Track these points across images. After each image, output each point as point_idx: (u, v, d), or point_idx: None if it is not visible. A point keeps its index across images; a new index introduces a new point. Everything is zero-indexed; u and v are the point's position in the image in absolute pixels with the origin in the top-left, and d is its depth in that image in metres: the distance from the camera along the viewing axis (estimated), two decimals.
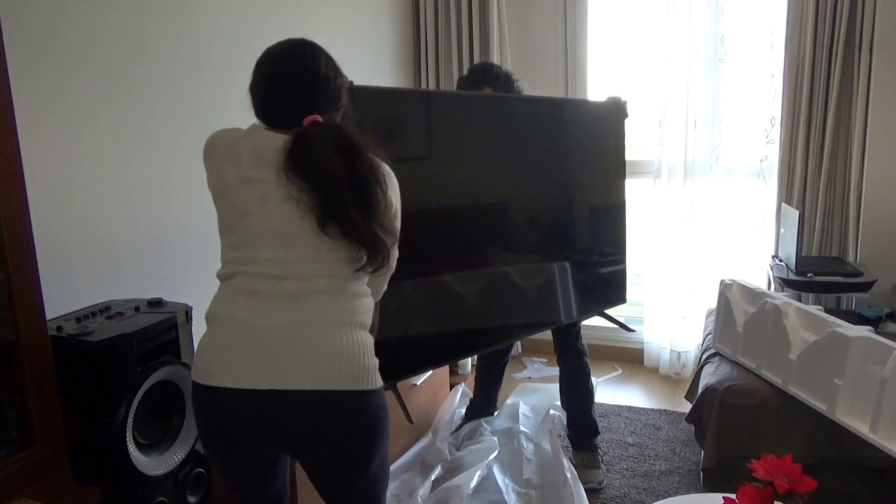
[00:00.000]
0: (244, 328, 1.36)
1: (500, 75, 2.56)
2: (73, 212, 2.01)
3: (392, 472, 2.64)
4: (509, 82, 2.58)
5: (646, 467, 2.77)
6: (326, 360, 1.35)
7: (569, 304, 2.62)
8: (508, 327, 2.44)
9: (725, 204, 3.54)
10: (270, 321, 1.36)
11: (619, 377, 3.74)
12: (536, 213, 2.50)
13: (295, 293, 1.37)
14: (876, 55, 3.06)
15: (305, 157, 1.35)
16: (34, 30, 1.88)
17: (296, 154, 1.35)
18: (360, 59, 3.37)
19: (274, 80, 1.45)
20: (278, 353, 1.34)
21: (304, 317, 1.36)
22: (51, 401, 1.65)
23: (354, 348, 1.38)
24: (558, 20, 3.75)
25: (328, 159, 1.34)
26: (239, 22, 2.59)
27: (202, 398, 1.40)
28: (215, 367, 1.37)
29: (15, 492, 1.56)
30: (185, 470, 1.94)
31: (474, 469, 2.53)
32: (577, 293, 2.66)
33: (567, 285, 2.61)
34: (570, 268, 2.62)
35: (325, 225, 1.36)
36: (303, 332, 1.36)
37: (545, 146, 2.47)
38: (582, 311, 2.71)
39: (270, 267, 1.38)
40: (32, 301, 1.60)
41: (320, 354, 1.35)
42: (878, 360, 2.13)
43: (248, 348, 1.35)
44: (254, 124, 1.47)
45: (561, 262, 2.58)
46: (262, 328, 1.35)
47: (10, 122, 1.54)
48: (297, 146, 1.36)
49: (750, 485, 1.41)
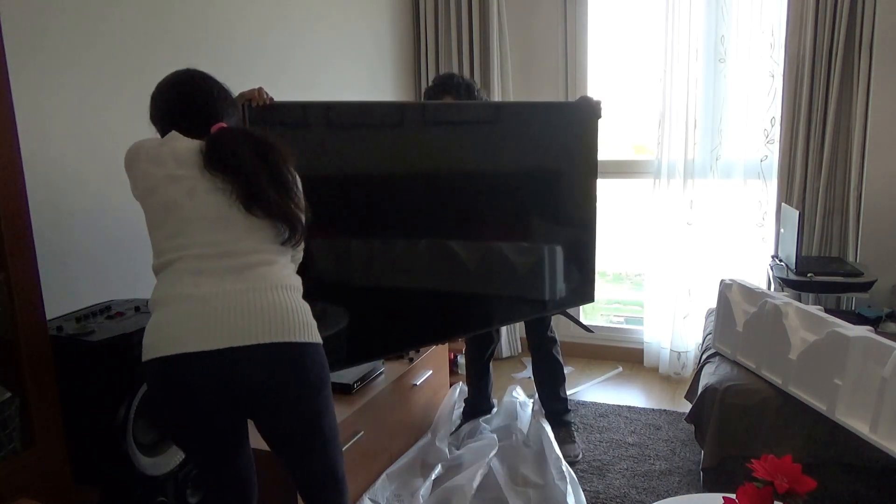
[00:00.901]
0: (195, 301, 1.49)
1: (461, 84, 2.71)
2: (73, 212, 2.01)
3: (392, 473, 2.64)
4: (470, 91, 2.73)
5: (646, 467, 2.77)
6: (274, 317, 1.51)
7: (533, 302, 2.75)
8: (472, 318, 2.61)
9: (725, 204, 3.54)
10: (218, 291, 1.50)
11: (619, 377, 3.74)
12: (500, 215, 2.61)
13: (237, 267, 1.54)
14: (876, 55, 3.06)
15: (225, 154, 1.57)
16: (34, 28, 1.88)
17: (214, 152, 1.57)
18: (361, 60, 3.38)
19: (180, 102, 1.67)
20: (229, 315, 1.48)
21: (248, 284, 1.53)
22: (51, 401, 1.65)
23: (296, 307, 1.57)
24: (558, 20, 3.75)
25: (244, 153, 1.58)
26: (241, 22, 2.59)
27: (160, 372, 1.48)
28: (171, 339, 1.47)
29: (15, 492, 1.56)
30: (185, 470, 1.94)
31: (475, 468, 2.53)
32: (543, 291, 2.77)
33: (533, 284, 2.72)
34: (536, 267, 2.72)
35: (251, 208, 1.57)
36: (249, 295, 1.51)
37: (510, 149, 2.58)
38: (547, 309, 2.85)
39: (209, 248, 1.54)
40: (32, 301, 1.60)
41: (267, 312, 1.51)
42: (878, 360, 2.13)
43: (201, 317, 1.47)
44: (171, 133, 1.63)
45: (526, 261, 2.70)
46: (211, 298, 1.49)
47: (11, 122, 1.54)
48: (213, 146, 1.58)
49: (750, 485, 1.42)
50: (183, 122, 1.64)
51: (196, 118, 1.65)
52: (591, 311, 4.37)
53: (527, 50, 3.84)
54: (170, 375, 1.47)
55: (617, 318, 4.32)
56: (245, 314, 1.49)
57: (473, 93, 2.76)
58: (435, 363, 3.09)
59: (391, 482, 2.60)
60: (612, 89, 3.89)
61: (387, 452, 2.68)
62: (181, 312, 1.48)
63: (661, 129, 3.52)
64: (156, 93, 1.70)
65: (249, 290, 1.51)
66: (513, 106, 2.70)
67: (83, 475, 1.76)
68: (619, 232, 5.00)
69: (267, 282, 1.54)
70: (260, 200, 1.57)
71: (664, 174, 3.57)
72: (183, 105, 1.66)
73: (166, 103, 1.68)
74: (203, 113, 1.66)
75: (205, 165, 1.56)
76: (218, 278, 1.52)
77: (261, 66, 2.71)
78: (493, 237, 2.61)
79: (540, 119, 2.66)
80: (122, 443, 1.75)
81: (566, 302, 2.90)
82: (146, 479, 1.82)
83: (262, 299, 1.51)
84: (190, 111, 1.66)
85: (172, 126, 1.64)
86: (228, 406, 1.52)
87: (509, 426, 2.97)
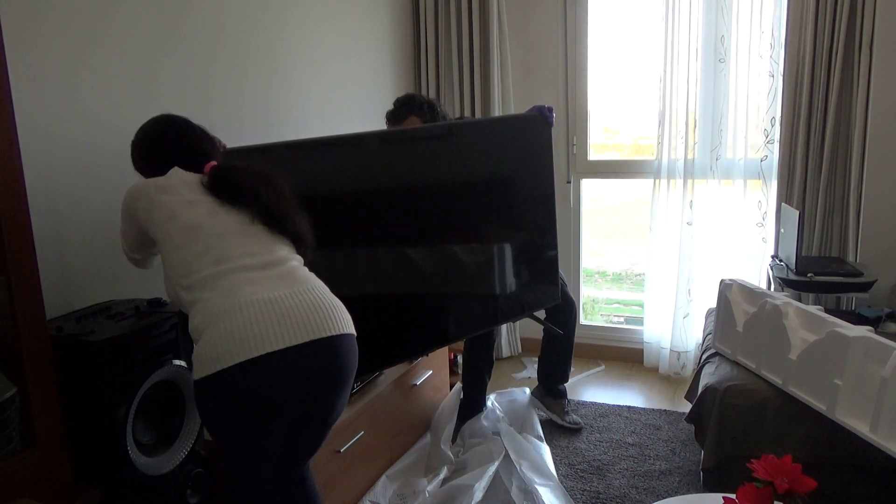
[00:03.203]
0: (265, 304, 1.55)
1: (424, 103, 2.82)
2: (73, 212, 2.01)
3: (394, 473, 2.65)
4: (433, 109, 2.83)
5: (646, 467, 2.77)
6: (332, 312, 1.63)
7: (493, 310, 2.76)
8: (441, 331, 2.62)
9: (725, 204, 3.54)
10: (280, 294, 1.58)
11: (619, 377, 3.74)
12: (467, 230, 2.65)
13: (281, 273, 1.64)
14: (876, 55, 3.06)
15: (238, 188, 1.70)
16: (34, 27, 1.88)
17: (224, 186, 1.70)
18: (361, 61, 3.38)
19: (168, 145, 1.79)
20: (301, 313, 1.57)
21: (299, 286, 1.63)
22: (51, 401, 1.65)
23: (340, 303, 1.70)
24: (558, 21, 3.75)
25: (256, 185, 1.71)
26: (241, 22, 2.59)
27: (243, 375, 1.51)
28: (252, 342, 1.51)
29: (15, 492, 1.56)
30: (185, 470, 1.94)
31: (482, 470, 2.52)
32: (505, 298, 2.78)
33: (493, 294, 2.75)
34: (499, 272, 2.76)
35: (271, 225, 1.71)
36: (306, 295, 1.61)
37: (467, 166, 2.63)
38: (512, 314, 2.87)
39: (247, 259, 1.62)
40: (32, 301, 1.60)
41: (326, 309, 1.62)
42: (878, 360, 2.13)
43: (277, 316, 1.55)
44: (173, 169, 1.74)
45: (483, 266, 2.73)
46: (277, 301, 1.57)
47: (10, 122, 1.54)
48: (221, 181, 1.70)
49: (750, 485, 1.42)
50: (183, 160, 1.75)
51: (193, 157, 1.77)
52: (592, 311, 4.37)
53: (527, 50, 3.83)
54: (255, 376, 1.51)
55: (617, 318, 4.32)
56: (312, 311, 1.60)
57: (437, 109, 2.86)
58: (435, 363, 3.09)
59: (392, 482, 2.60)
60: (612, 89, 3.89)
61: (387, 452, 2.68)
62: (254, 316, 1.53)
63: (661, 129, 3.52)
64: (142, 140, 1.82)
65: (304, 291, 1.62)
66: (467, 125, 2.76)
67: (83, 475, 1.76)
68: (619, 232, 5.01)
69: (311, 283, 1.66)
70: (282, 222, 1.71)
71: (664, 174, 3.57)
72: (171, 148, 1.78)
73: (154, 147, 1.80)
74: (198, 152, 1.79)
75: (215, 201, 1.68)
76: (270, 284, 1.60)
77: (261, 68, 2.71)
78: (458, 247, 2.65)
79: (493, 134, 2.71)
80: (122, 443, 1.75)
81: (534, 305, 2.92)
82: (146, 479, 1.82)
83: (317, 298, 1.63)
84: (178, 152, 1.77)
85: (172, 164, 1.74)
86: (305, 397, 1.61)
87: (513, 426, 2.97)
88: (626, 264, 4.93)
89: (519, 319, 3.00)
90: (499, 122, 2.82)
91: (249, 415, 1.54)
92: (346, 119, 3.25)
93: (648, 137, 3.81)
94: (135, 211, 1.71)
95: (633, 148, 4.13)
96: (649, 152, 3.79)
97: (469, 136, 2.63)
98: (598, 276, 4.87)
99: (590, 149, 3.88)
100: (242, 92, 2.62)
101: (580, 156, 3.86)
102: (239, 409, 1.53)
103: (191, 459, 1.96)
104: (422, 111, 2.80)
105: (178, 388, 1.94)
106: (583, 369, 3.84)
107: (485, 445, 2.75)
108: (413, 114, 2.79)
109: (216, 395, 1.53)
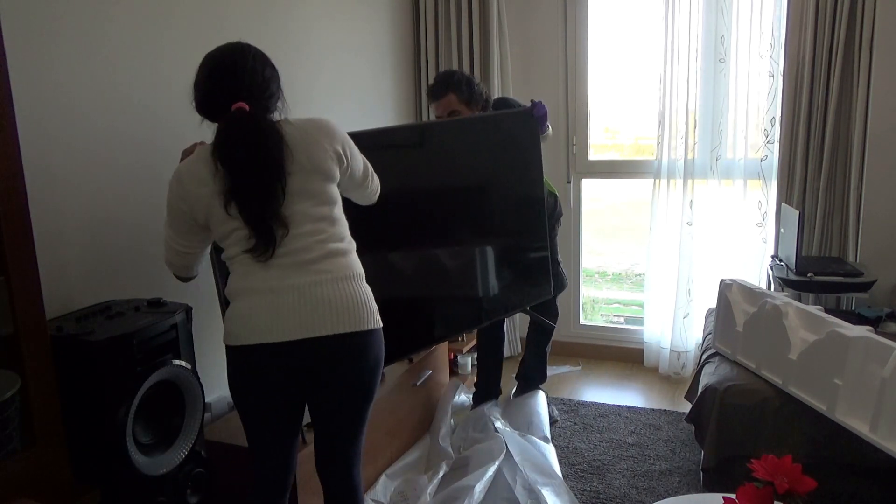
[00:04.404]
0: (267, 294, 1.61)
1: (462, 81, 2.86)
2: (73, 212, 2.01)
3: (395, 471, 2.65)
4: (471, 86, 2.87)
5: (646, 467, 2.77)
6: (340, 308, 1.63)
7: (488, 305, 2.83)
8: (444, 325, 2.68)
9: (725, 204, 3.54)
10: (287, 284, 1.61)
11: (619, 377, 3.74)
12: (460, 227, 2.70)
13: (301, 261, 1.64)
14: (876, 55, 3.06)
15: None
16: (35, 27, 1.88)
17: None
18: (361, 60, 3.38)
19: (210, 76, 1.67)
20: (300, 309, 1.60)
21: (313, 277, 1.63)
22: (51, 401, 1.65)
23: (360, 296, 1.68)
24: (558, 20, 3.75)
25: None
26: (241, 23, 2.59)
27: (240, 357, 1.64)
28: (250, 330, 1.61)
29: (15, 492, 1.56)
30: (185, 470, 1.94)
31: (483, 470, 2.52)
32: (499, 293, 2.85)
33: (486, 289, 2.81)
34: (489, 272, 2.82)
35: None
36: (316, 289, 1.62)
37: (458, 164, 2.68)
38: (507, 309, 2.95)
39: None
40: (32, 301, 1.60)
41: (335, 304, 1.63)
42: (878, 360, 2.13)
43: (275, 309, 1.60)
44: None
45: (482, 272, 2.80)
46: (281, 292, 1.61)
47: (11, 122, 1.54)
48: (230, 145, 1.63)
49: (750, 485, 1.42)
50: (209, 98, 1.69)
51: (218, 95, 1.66)
52: (592, 311, 4.37)
53: (527, 50, 3.83)
54: (248, 361, 1.63)
55: (617, 318, 4.32)
56: (314, 307, 1.61)
57: (474, 87, 2.87)
58: (435, 363, 3.09)
59: (392, 481, 2.60)
60: (612, 89, 3.89)
61: (387, 452, 2.68)
62: (256, 305, 1.61)
63: (661, 129, 3.52)
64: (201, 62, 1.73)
65: (316, 284, 1.62)
66: (457, 122, 2.80)
67: (83, 475, 1.76)
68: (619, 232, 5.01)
69: (332, 274, 1.64)
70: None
71: (664, 174, 3.57)
72: (211, 79, 1.69)
73: (200, 75, 1.71)
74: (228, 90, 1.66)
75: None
76: (283, 272, 1.62)
77: None
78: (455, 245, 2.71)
79: (478, 131, 2.75)
80: (122, 443, 1.74)
81: (527, 300, 2.99)
82: (146, 479, 1.82)
83: (329, 292, 1.62)
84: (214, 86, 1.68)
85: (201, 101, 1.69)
86: (294, 388, 1.67)
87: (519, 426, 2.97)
88: (626, 264, 4.93)
89: (510, 315, 3.08)
90: (482, 120, 2.84)
91: (242, 391, 1.69)
92: (346, 119, 3.25)
93: (648, 137, 3.81)
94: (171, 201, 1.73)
95: (633, 148, 4.13)
96: (649, 152, 3.79)
97: (451, 136, 2.67)
98: (598, 276, 4.87)
99: (590, 149, 3.88)
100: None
101: (580, 156, 3.86)
102: (236, 381, 1.68)
103: (191, 459, 1.96)
104: (459, 89, 2.84)
105: (178, 388, 1.94)
106: (594, 372, 3.84)
107: (486, 444, 2.75)
108: (451, 91, 2.84)
109: (228, 361, 1.68)
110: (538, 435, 2.88)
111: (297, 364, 1.63)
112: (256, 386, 1.66)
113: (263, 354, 1.61)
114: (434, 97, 2.89)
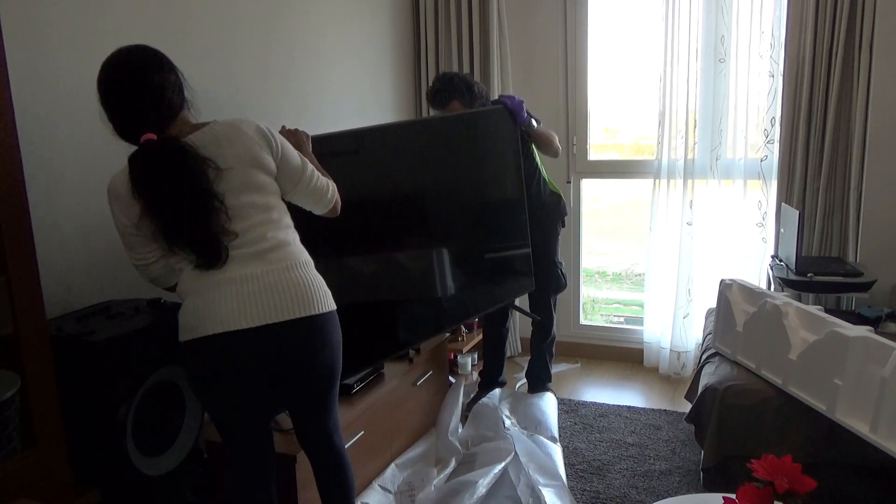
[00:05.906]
0: (228, 284, 1.63)
1: (462, 86, 2.89)
2: (73, 212, 2.01)
3: (403, 463, 2.68)
4: (471, 90, 2.90)
5: (646, 467, 2.77)
6: (297, 294, 1.68)
7: (473, 301, 2.89)
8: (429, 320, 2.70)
9: (725, 204, 3.54)
10: (247, 273, 1.65)
11: (618, 376, 3.74)
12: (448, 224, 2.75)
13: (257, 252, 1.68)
14: (876, 55, 3.06)
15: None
16: (35, 27, 1.88)
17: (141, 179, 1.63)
18: (361, 60, 3.37)
19: (107, 103, 1.64)
20: (261, 296, 1.64)
21: (268, 266, 1.68)
22: (51, 401, 1.65)
23: (312, 281, 1.74)
24: (558, 20, 3.75)
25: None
26: (241, 23, 2.59)
27: (204, 349, 1.63)
28: (213, 319, 1.62)
29: (15, 492, 1.56)
30: (185, 470, 1.94)
31: (489, 468, 2.52)
32: (483, 288, 2.93)
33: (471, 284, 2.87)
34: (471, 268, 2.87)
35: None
36: (271, 277, 1.67)
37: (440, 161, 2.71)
38: (492, 303, 3.01)
39: None
40: (32, 301, 1.60)
41: (292, 290, 1.68)
42: (878, 360, 2.13)
43: (237, 298, 1.63)
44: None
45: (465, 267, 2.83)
46: (242, 281, 1.64)
47: (11, 122, 1.54)
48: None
49: (750, 485, 1.42)
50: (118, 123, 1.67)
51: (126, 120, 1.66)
52: (592, 311, 4.37)
53: (527, 50, 3.83)
54: (213, 351, 1.63)
55: (617, 318, 4.32)
56: (274, 294, 1.65)
57: (474, 90, 2.91)
58: (435, 363, 3.09)
59: (402, 471, 2.62)
60: (612, 89, 3.89)
61: (387, 452, 2.68)
62: (219, 296, 1.62)
63: (661, 129, 3.52)
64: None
65: (272, 273, 1.67)
66: (437, 120, 2.83)
67: (83, 475, 1.76)
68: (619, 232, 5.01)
69: (286, 262, 1.70)
70: None
71: (664, 174, 3.57)
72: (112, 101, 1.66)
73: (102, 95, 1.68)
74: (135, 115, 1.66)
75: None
76: (241, 263, 1.65)
77: (261, 69, 2.70)
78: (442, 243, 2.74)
79: (456, 130, 2.78)
80: (122, 443, 1.75)
81: (511, 294, 3.06)
82: (146, 479, 1.82)
83: (285, 279, 1.68)
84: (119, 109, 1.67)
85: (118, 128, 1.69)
86: (262, 374, 1.68)
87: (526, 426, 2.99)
88: (626, 264, 4.92)
89: (494, 309, 3.11)
90: (460, 119, 2.86)
91: (207, 384, 1.69)
92: (346, 119, 3.24)
93: (648, 137, 3.81)
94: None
95: (634, 148, 4.13)
96: (649, 152, 3.79)
97: (430, 135, 2.70)
98: (598, 276, 4.87)
99: (590, 149, 3.88)
100: (235, 96, 2.62)
101: (580, 156, 3.86)
102: (199, 376, 1.68)
103: (191, 459, 1.96)
104: (461, 94, 2.88)
105: (178, 388, 1.94)
106: (595, 372, 3.84)
107: (495, 443, 2.75)
108: (455, 98, 2.88)
109: (187, 358, 1.68)
110: (546, 435, 2.89)
111: (263, 349, 1.66)
112: (223, 375, 1.66)
113: (230, 343, 1.62)
114: (438, 105, 2.91)
